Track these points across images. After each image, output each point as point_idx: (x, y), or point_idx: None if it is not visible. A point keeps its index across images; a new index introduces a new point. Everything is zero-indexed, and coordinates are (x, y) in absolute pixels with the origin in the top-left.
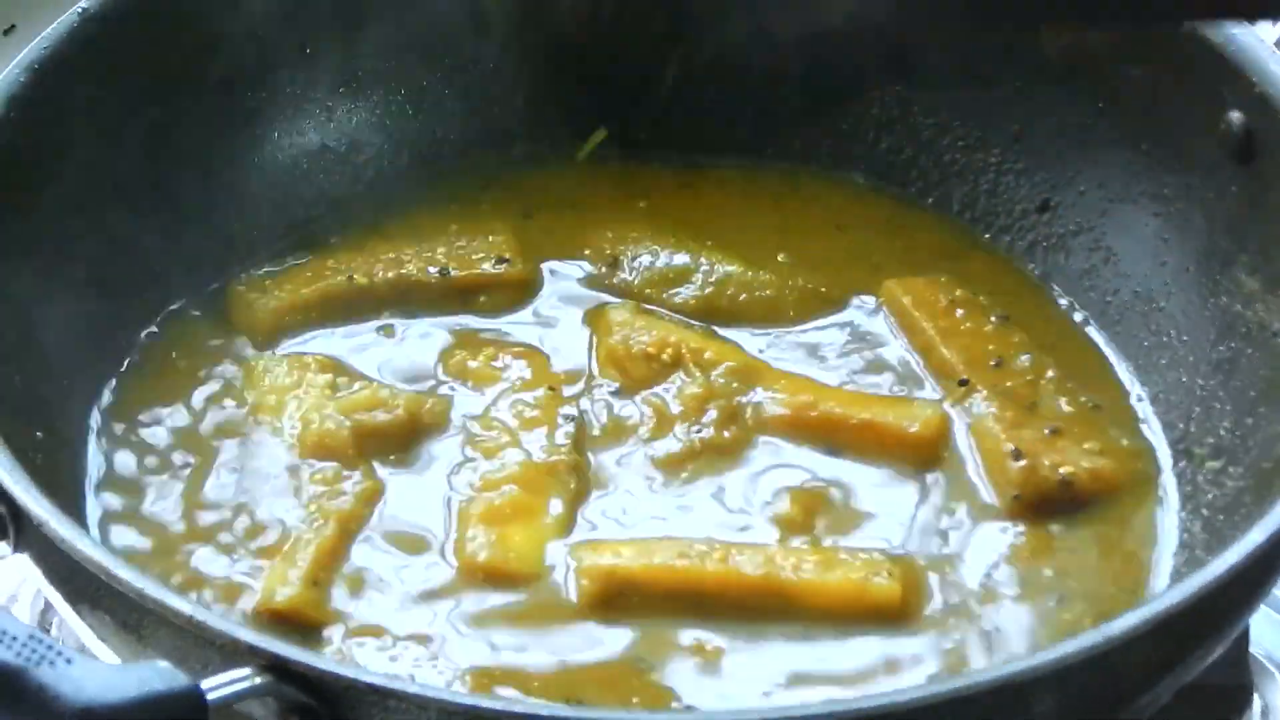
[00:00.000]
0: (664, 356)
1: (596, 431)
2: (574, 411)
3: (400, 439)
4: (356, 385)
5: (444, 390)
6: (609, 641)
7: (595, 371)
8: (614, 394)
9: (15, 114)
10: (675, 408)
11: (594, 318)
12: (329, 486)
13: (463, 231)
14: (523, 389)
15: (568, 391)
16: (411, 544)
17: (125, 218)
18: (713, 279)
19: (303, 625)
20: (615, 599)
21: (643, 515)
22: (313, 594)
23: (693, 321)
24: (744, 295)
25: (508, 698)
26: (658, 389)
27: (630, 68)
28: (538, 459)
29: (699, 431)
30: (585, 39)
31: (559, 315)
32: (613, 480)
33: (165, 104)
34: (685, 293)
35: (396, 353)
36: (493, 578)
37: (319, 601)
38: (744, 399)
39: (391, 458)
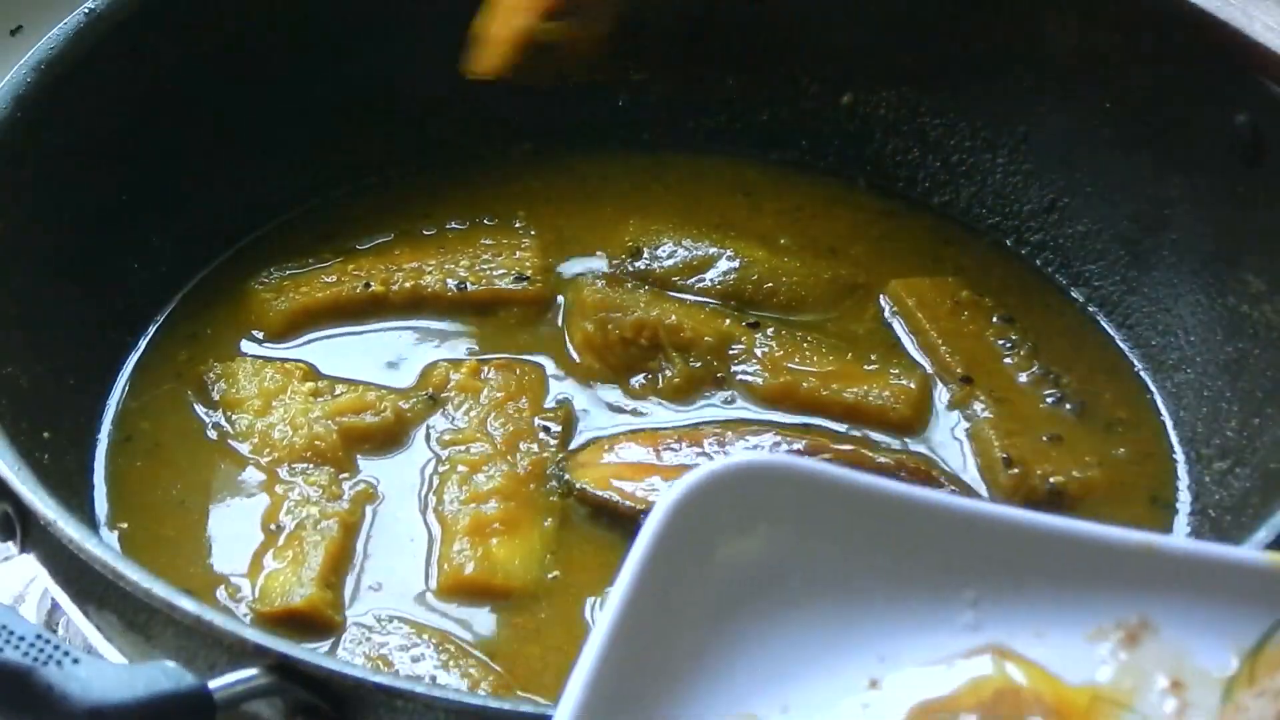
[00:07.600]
0: (641, 340)
1: (582, 439)
2: (557, 426)
3: (386, 441)
4: (339, 389)
5: (428, 400)
6: None
7: (574, 357)
8: (595, 390)
9: (22, 113)
10: (658, 398)
11: (571, 297)
12: (324, 489)
13: (491, 247)
14: (506, 400)
15: (550, 403)
16: (406, 548)
17: (132, 217)
18: (737, 266)
19: (313, 627)
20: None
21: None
22: (327, 595)
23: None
24: (770, 283)
25: (514, 698)
26: (639, 379)
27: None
28: (522, 470)
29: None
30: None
31: (559, 323)
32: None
33: (171, 103)
34: (710, 278)
35: (383, 359)
36: (479, 591)
37: (335, 602)
38: (723, 374)
39: (376, 460)
